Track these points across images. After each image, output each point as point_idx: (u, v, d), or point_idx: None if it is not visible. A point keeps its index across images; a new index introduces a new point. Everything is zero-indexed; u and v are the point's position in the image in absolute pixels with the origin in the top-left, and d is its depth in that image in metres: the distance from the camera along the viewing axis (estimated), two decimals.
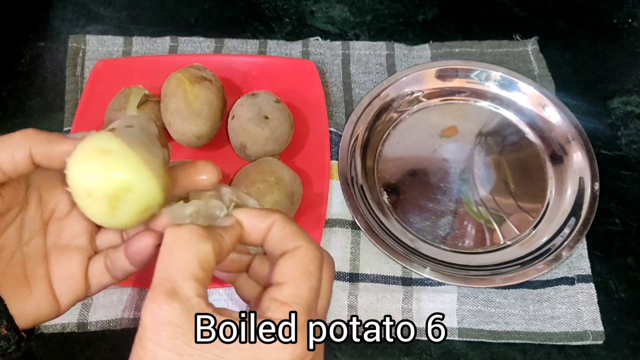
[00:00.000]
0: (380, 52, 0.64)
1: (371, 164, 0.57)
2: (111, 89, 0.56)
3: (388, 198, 0.55)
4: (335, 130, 0.58)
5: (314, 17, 0.68)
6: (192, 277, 0.27)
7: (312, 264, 0.29)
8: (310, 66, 0.59)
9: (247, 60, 0.60)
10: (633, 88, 0.62)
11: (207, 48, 0.64)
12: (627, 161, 0.58)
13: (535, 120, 0.59)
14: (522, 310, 0.49)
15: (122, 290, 0.50)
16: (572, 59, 0.64)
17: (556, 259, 0.50)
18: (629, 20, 0.68)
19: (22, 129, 0.30)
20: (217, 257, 0.28)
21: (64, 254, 0.34)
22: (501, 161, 0.57)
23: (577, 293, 0.50)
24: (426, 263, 0.50)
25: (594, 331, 0.48)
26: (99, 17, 0.68)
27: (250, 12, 0.68)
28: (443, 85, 0.61)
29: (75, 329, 0.48)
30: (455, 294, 0.50)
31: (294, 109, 0.56)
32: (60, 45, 0.65)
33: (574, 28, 0.67)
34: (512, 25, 0.67)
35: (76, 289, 0.34)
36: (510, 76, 0.60)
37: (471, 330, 0.48)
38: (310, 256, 0.29)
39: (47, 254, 0.34)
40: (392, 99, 0.60)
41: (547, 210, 0.54)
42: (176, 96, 0.51)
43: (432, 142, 0.58)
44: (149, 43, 0.64)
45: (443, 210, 0.54)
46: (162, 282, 0.26)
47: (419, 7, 0.69)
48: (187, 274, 0.26)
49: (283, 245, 0.30)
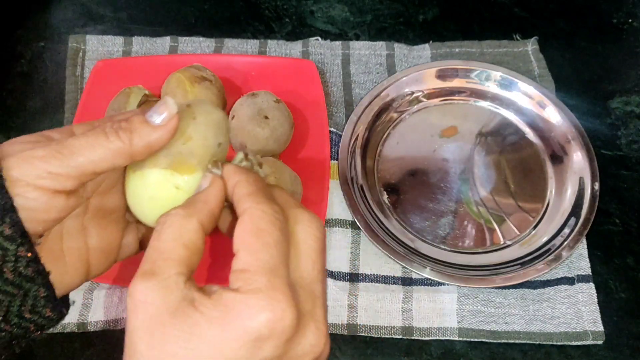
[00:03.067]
0: (380, 52, 0.64)
1: (371, 164, 0.57)
2: (111, 89, 0.56)
3: (388, 198, 0.55)
4: (335, 130, 0.58)
5: (314, 17, 0.68)
6: (172, 256, 0.26)
7: (261, 221, 0.27)
8: (310, 66, 0.59)
9: (247, 60, 0.60)
10: (633, 88, 0.62)
11: (207, 48, 0.64)
12: (627, 161, 0.58)
13: (535, 120, 0.59)
14: (522, 310, 0.49)
15: (122, 290, 0.50)
16: (572, 59, 0.64)
17: (556, 259, 0.50)
18: (629, 20, 0.68)
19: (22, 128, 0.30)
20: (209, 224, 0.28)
21: (103, 227, 0.34)
22: (501, 161, 0.57)
23: (577, 293, 0.50)
24: (426, 263, 0.50)
25: (594, 331, 0.48)
26: (99, 17, 0.68)
27: (250, 12, 0.68)
28: (443, 85, 0.61)
29: (75, 329, 0.48)
30: (455, 294, 0.50)
31: (294, 109, 0.56)
32: (60, 45, 0.65)
33: (574, 28, 0.67)
34: (512, 25, 0.67)
35: (108, 259, 0.34)
36: (510, 76, 0.60)
37: (471, 330, 0.49)
38: (257, 214, 0.27)
39: (84, 227, 0.33)
40: (392, 99, 0.60)
41: (547, 210, 0.54)
42: (176, 96, 0.51)
43: (432, 142, 0.58)
44: (149, 43, 0.64)
45: (443, 210, 0.54)
46: (144, 265, 0.26)
47: (419, 7, 0.69)
48: (167, 254, 0.26)
49: (238, 209, 0.28)
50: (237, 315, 0.25)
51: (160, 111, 0.30)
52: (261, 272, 0.25)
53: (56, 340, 0.48)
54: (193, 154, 0.31)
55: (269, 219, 0.27)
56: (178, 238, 0.27)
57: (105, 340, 0.48)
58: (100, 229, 0.34)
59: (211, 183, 0.30)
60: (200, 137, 0.31)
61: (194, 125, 0.32)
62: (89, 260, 0.33)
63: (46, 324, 0.31)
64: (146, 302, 0.25)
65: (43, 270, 0.29)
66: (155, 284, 0.25)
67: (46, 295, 0.30)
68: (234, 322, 0.24)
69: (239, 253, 0.26)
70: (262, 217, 0.27)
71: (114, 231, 0.34)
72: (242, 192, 0.29)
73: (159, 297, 0.25)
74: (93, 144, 0.29)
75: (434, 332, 0.48)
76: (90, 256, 0.33)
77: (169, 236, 0.27)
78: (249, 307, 0.25)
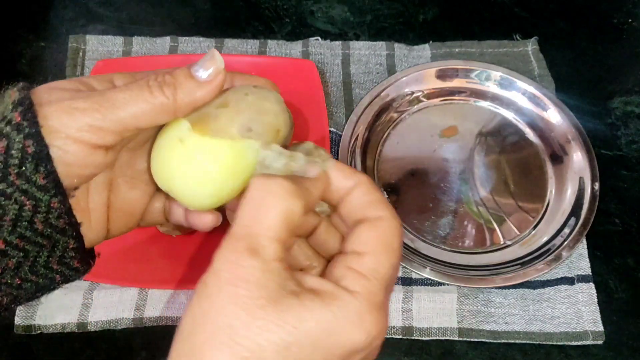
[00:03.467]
0: (380, 52, 0.64)
1: (371, 164, 0.57)
2: None
3: (388, 198, 0.55)
4: (335, 130, 0.58)
5: (314, 17, 0.68)
6: (275, 238, 0.25)
7: (395, 239, 0.27)
8: (310, 66, 0.59)
9: (247, 60, 0.60)
10: (633, 88, 0.62)
11: (207, 48, 0.64)
12: (627, 161, 0.58)
13: (535, 120, 0.59)
14: (522, 310, 0.49)
15: (122, 290, 0.49)
16: (572, 59, 0.64)
17: (556, 259, 0.50)
18: (629, 20, 0.68)
19: None
20: (305, 215, 0.27)
21: (131, 185, 0.32)
22: (501, 161, 0.57)
23: (577, 293, 0.50)
24: (426, 263, 0.50)
25: (594, 331, 0.48)
26: (99, 17, 0.68)
27: (250, 12, 0.68)
28: (443, 85, 0.61)
29: (75, 329, 0.48)
30: (455, 294, 0.50)
31: (294, 109, 0.56)
32: (60, 45, 0.65)
33: (574, 28, 0.67)
34: (512, 25, 0.67)
35: (130, 221, 0.33)
36: (510, 76, 0.60)
37: (471, 330, 0.49)
38: (393, 231, 0.27)
39: (112, 182, 0.32)
40: (392, 99, 0.60)
41: (547, 210, 0.54)
42: None
43: (432, 142, 0.58)
44: (149, 43, 0.64)
45: (443, 210, 0.54)
46: (244, 236, 0.25)
47: (419, 7, 0.69)
48: (271, 234, 0.25)
49: (364, 212, 0.27)
50: (349, 325, 0.24)
51: (207, 66, 0.28)
52: (382, 287, 0.25)
53: (56, 340, 0.48)
54: (217, 120, 0.30)
55: (400, 241, 0.27)
56: (285, 218, 0.25)
57: (105, 340, 0.48)
58: (127, 187, 0.32)
59: (320, 175, 0.28)
60: (234, 111, 0.30)
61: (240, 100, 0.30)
62: (111, 217, 0.32)
63: (73, 275, 0.30)
64: (250, 281, 0.24)
65: (75, 222, 0.28)
66: (260, 265, 0.24)
67: (76, 246, 0.29)
68: (344, 331, 0.24)
69: (366, 256, 0.26)
70: (395, 237, 0.27)
71: (141, 193, 0.33)
72: (373, 196, 0.28)
73: (263, 279, 0.24)
74: (136, 98, 0.28)
75: (434, 332, 0.48)
76: (113, 213, 0.32)
77: (275, 210, 0.25)
78: (364, 321, 0.24)
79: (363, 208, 0.28)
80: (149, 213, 0.34)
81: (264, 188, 0.26)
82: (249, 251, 0.24)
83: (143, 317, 0.48)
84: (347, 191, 0.28)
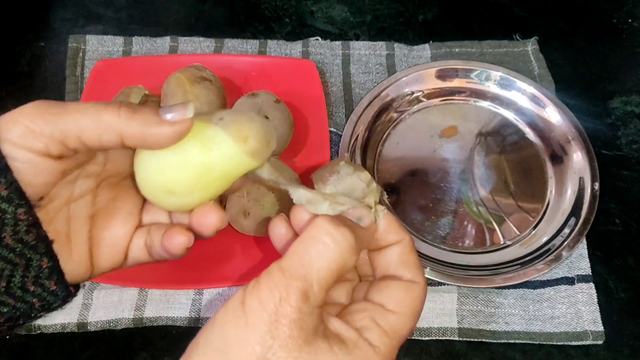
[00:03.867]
0: (380, 52, 0.64)
1: (371, 164, 0.57)
2: (111, 89, 0.56)
3: (388, 198, 0.55)
4: (335, 130, 0.58)
5: (314, 17, 0.68)
6: (326, 288, 0.27)
7: (421, 307, 0.29)
8: (310, 66, 0.59)
9: (247, 60, 0.60)
10: (633, 88, 0.62)
11: (207, 48, 0.64)
12: (627, 161, 0.58)
13: (535, 120, 0.59)
14: (522, 310, 0.49)
15: (122, 290, 0.50)
16: (572, 59, 0.64)
17: (556, 259, 0.50)
18: (629, 20, 0.68)
19: None
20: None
21: (113, 219, 0.32)
22: (501, 161, 0.57)
23: (577, 293, 0.50)
24: (426, 263, 0.50)
25: (594, 331, 0.48)
26: (99, 17, 0.68)
27: (250, 12, 0.68)
28: (443, 85, 0.61)
29: (75, 329, 0.48)
30: (455, 294, 0.50)
31: (294, 109, 0.56)
32: (60, 45, 0.65)
33: (574, 28, 0.67)
34: (512, 25, 0.67)
35: (115, 257, 0.32)
36: (510, 76, 0.60)
37: (471, 330, 0.49)
38: (422, 299, 0.29)
39: (94, 215, 0.32)
40: (392, 99, 0.60)
41: (547, 210, 0.54)
42: (176, 96, 0.51)
43: (432, 142, 0.58)
44: (149, 43, 0.64)
45: (443, 210, 0.54)
46: (300, 277, 0.26)
47: (419, 7, 0.69)
48: (324, 284, 0.26)
49: (399, 270, 0.29)
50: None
51: (175, 109, 0.28)
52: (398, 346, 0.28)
53: (56, 340, 0.48)
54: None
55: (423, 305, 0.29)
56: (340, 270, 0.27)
57: (105, 340, 0.48)
58: (108, 219, 0.32)
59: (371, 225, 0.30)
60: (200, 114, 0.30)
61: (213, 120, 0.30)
62: (94, 253, 0.32)
63: (52, 301, 0.29)
64: (293, 320, 0.25)
65: (45, 236, 0.28)
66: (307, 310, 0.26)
67: (50, 265, 0.29)
68: None
69: (393, 316, 0.28)
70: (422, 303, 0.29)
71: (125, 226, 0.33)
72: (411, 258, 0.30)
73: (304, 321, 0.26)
74: (87, 110, 0.27)
75: (434, 332, 0.48)
76: (96, 248, 0.32)
77: (336, 265, 0.27)
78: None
79: (399, 266, 0.29)
80: (132, 249, 0.33)
81: (332, 236, 0.27)
82: (302, 294, 0.26)
83: (143, 317, 0.48)
84: (386, 245, 0.30)
